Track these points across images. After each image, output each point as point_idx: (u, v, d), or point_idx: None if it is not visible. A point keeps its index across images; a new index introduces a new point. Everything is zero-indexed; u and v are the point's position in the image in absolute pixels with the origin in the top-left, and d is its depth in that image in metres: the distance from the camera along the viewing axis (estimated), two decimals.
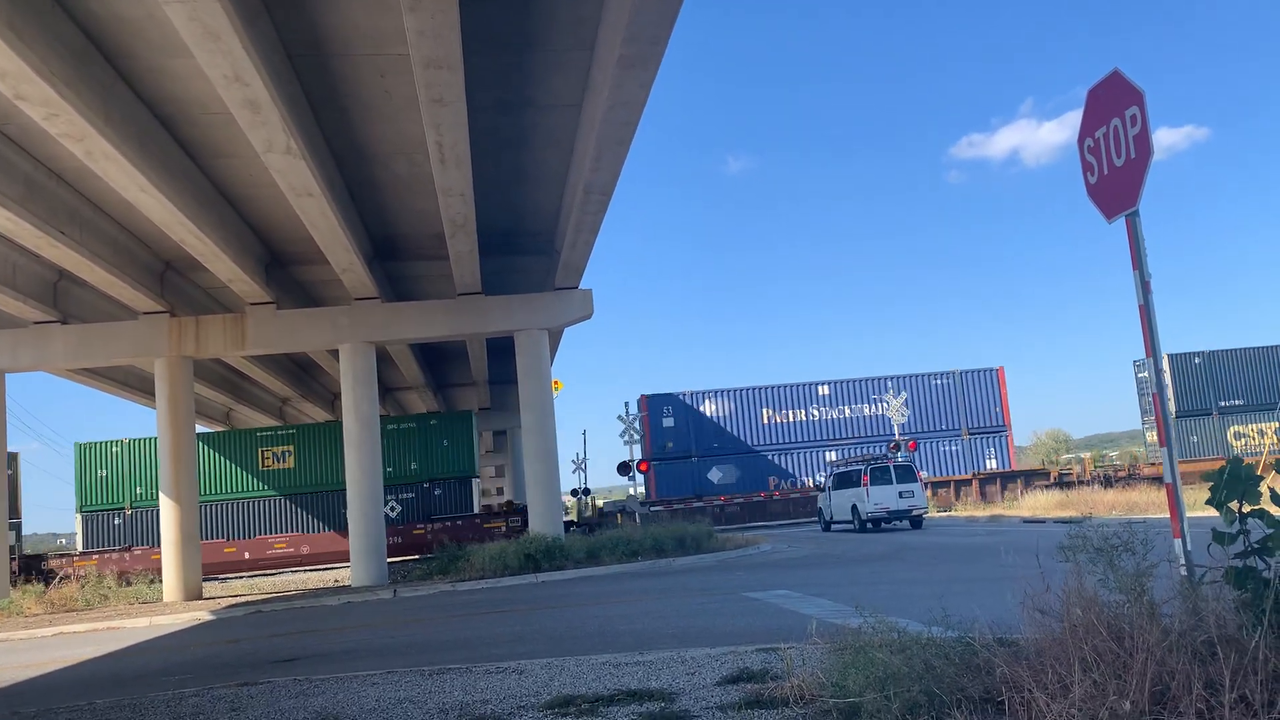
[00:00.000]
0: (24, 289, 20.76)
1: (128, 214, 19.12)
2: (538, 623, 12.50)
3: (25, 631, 17.76)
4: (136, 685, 9.82)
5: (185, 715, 7.30)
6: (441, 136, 14.74)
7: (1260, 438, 44.58)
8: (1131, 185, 5.72)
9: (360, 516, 23.29)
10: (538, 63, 15.10)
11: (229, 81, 12.42)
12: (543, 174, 19.87)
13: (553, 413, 25.05)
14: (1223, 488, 4.78)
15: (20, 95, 12.19)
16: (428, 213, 20.53)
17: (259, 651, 12.14)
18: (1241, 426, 44.96)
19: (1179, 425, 45.18)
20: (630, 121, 15.15)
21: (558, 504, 24.87)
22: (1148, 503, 27.73)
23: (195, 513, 23.73)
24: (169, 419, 23.18)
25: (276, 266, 23.74)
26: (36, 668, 12.47)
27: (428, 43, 11.93)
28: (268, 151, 14.69)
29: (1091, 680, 4.27)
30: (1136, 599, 4.75)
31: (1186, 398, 45.47)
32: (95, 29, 12.93)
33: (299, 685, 8.21)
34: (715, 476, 33.80)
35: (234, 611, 18.65)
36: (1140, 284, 5.68)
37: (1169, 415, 5.57)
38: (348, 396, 23.83)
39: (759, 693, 5.99)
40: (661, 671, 7.26)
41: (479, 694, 7.03)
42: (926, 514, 31.40)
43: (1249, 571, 4.66)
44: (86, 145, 13.85)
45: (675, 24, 12.29)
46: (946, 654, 5.23)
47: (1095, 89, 6.08)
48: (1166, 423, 5.57)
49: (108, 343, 23.32)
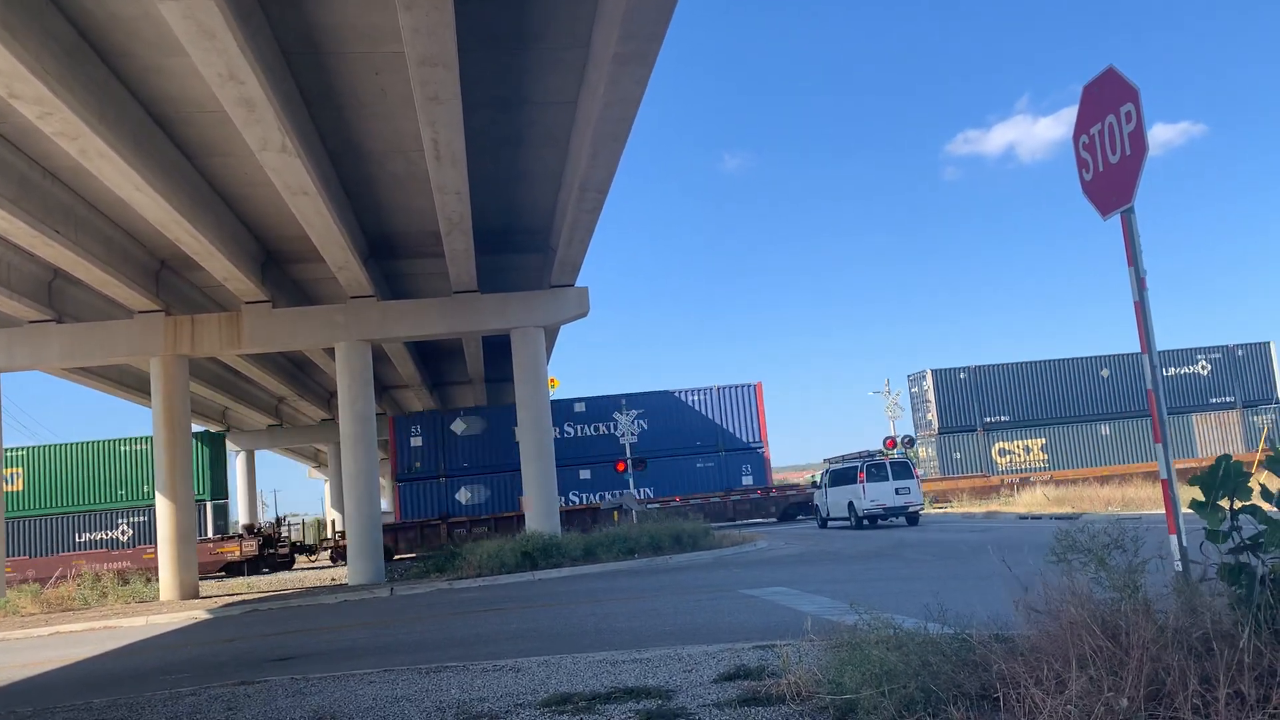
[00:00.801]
0: (19, 288, 20.72)
1: (123, 213, 19.09)
2: (535, 620, 12.50)
3: (22, 631, 17.74)
4: (133, 684, 9.81)
5: (182, 714, 7.29)
6: (437, 134, 14.73)
7: (1026, 454, 44.42)
8: (1126, 182, 5.72)
9: (357, 515, 23.29)
10: (533, 60, 15.08)
11: (224, 80, 12.40)
12: (539, 171, 19.85)
13: (549, 411, 25.06)
14: (1217, 486, 4.79)
15: (14, 94, 12.15)
16: (423, 211, 20.52)
17: (255, 650, 12.14)
18: (1006, 443, 44.65)
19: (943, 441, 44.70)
20: (626, 118, 15.14)
21: (554, 501, 24.87)
22: (1144, 498, 27.78)
23: (192, 512, 23.71)
24: (164, 418, 23.15)
25: (272, 265, 23.71)
26: (33, 667, 12.46)
27: (423, 40, 11.92)
28: (263, 150, 14.67)
29: (1087, 676, 4.28)
30: (1130, 596, 4.77)
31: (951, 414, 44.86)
32: (89, 27, 12.90)
33: (295, 684, 8.21)
34: (464, 497, 33.23)
35: (230, 610, 18.64)
36: (1135, 280, 5.69)
37: (1164, 412, 5.58)
38: (344, 395, 23.82)
39: (756, 690, 5.99)
40: (659, 669, 7.27)
41: (476, 692, 7.03)
42: (923, 510, 31.45)
43: (1242, 568, 4.67)
44: (81, 144, 13.82)
45: (671, 20, 12.29)
46: (943, 651, 5.24)
47: (1090, 86, 6.09)
48: (1162, 420, 5.58)
49: (103, 342, 23.28)
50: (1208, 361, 47.14)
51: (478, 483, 33.46)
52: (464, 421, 33.61)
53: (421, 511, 33.10)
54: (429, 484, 33.46)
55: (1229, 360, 47.54)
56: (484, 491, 33.31)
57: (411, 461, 33.32)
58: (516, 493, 32.48)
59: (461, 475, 33.46)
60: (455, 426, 33.36)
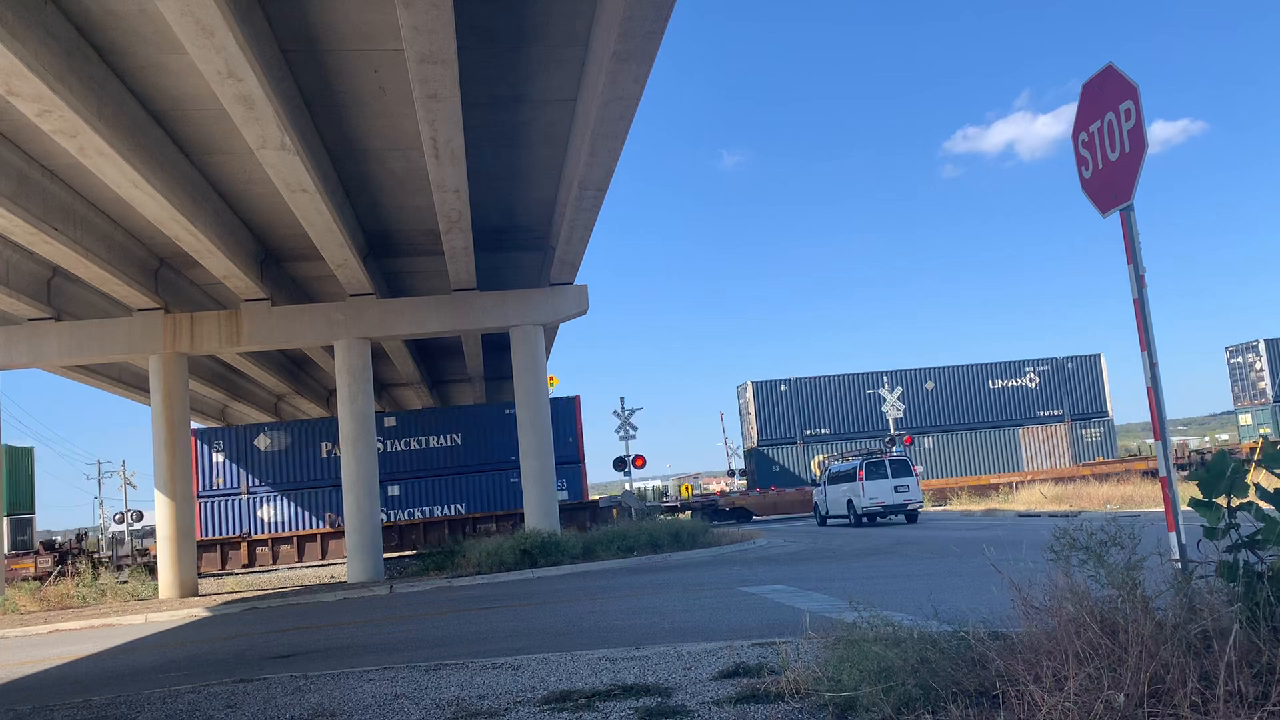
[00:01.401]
0: (18, 286, 20.70)
1: (122, 210, 19.08)
2: (534, 618, 12.50)
3: (21, 629, 17.74)
4: (132, 682, 9.81)
5: (181, 712, 7.30)
6: (436, 132, 14.72)
7: None
8: (1126, 179, 5.72)
9: (356, 512, 23.29)
10: (532, 58, 15.07)
11: (222, 77, 12.38)
12: (537, 169, 19.84)
13: (548, 409, 25.07)
14: (1211, 483, 4.80)
15: (12, 91, 12.14)
16: (422, 209, 20.51)
17: (255, 648, 12.14)
18: (825, 456, 44.34)
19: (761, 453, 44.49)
20: (625, 116, 15.13)
21: (553, 499, 24.89)
22: (1143, 496, 27.81)
23: (191, 509, 23.72)
24: (164, 416, 23.15)
25: (271, 262, 23.70)
26: (32, 665, 12.46)
27: (422, 38, 11.91)
28: (262, 147, 14.66)
29: (1086, 674, 4.28)
30: (1129, 593, 4.77)
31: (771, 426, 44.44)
32: (88, 24, 12.89)
33: (295, 681, 8.21)
34: (267, 514, 32.77)
35: (230, 608, 18.64)
36: (1135, 278, 5.69)
37: (1163, 409, 5.58)
38: (343, 392, 23.82)
39: (755, 687, 6.00)
40: (658, 666, 7.27)
41: (475, 689, 7.03)
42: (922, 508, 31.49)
43: (1241, 565, 4.68)
44: (79, 141, 13.80)
45: (670, 18, 12.28)
46: (941, 648, 5.24)
47: (1090, 83, 6.09)
48: (1162, 418, 5.58)
49: (102, 340, 23.27)
50: (1036, 374, 46.46)
51: (282, 499, 32.86)
52: (268, 437, 32.95)
53: (222, 529, 32.18)
54: (230, 500, 32.82)
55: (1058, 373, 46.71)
56: (288, 508, 32.77)
57: (213, 478, 32.61)
58: (324, 509, 32.07)
59: (265, 492, 32.89)
60: (259, 442, 32.70)
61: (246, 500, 32.78)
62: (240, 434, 33.55)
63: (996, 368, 46.46)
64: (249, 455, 33.05)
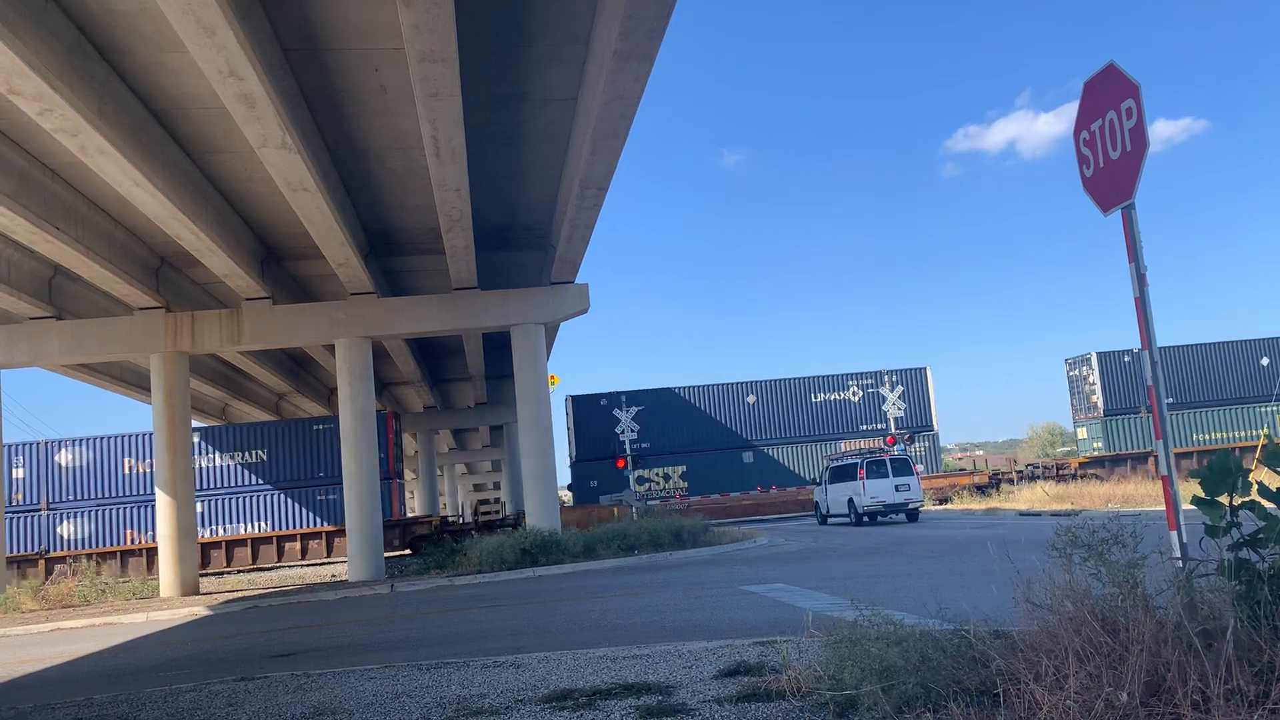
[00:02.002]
0: (19, 285, 20.72)
1: (123, 209, 19.09)
2: (535, 617, 12.51)
3: (22, 628, 17.76)
4: (134, 681, 9.82)
5: (183, 710, 7.30)
6: (437, 131, 14.72)
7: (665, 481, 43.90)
8: (1127, 178, 5.72)
9: (357, 511, 23.31)
10: (533, 57, 15.07)
11: (223, 76, 12.39)
12: (538, 168, 19.85)
13: (549, 408, 25.08)
14: (1214, 481, 4.79)
15: (13, 90, 12.15)
16: (423, 208, 20.52)
17: (256, 646, 12.15)
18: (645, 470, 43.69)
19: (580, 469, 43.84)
20: (626, 115, 15.13)
21: (554, 499, 24.90)
22: (1143, 495, 27.82)
23: (192, 508, 23.72)
24: (165, 415, 23.16)
25: (272, 261, 23.72)
26: (34, 663, 12.47)
27: (423, 37, 11.91)
28: (263, 146, 14.66)
29: (1087, 672, 4.29)
30: (1130, 591, 4.77)
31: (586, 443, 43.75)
32: (89, 23, 12.89)
33: (296, 680, 8.22)
34: (66, 530, 32.67)
35: (231, 607, 18.65)
36: (1136, 277, 5.69)
37: (1164, 408, 5.58)
38: (344, 391, 23.83)
39: (756, 685, 6.00)
40: (659, 665, 7.28)
41: (476, 688, 7.04)
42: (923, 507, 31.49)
43: (1242, 564, 4.67)
44: (81, 140, 13.81)
45: (671, 17, 12.27)
46: (942, 647, 5.25)
47: (1091, 82, 6.08)
48: (1162, 416, 5.58)
49: (103, 338, 23.28)
50: (859, 388, 45.86)
51: (83, 515, 32.68)
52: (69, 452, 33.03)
53: (21, 546, 31.77)
54: (30, 517, 32.56)
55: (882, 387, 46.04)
56: (90, 524, 32.62)
57: (11, 494, 32.34)
58: (125, 526, 31.86)
59: (66, 507, 32.70)
60: (60, 458, 32.80)
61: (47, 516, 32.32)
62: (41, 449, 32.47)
63: (821, 381, 45.80)
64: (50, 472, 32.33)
